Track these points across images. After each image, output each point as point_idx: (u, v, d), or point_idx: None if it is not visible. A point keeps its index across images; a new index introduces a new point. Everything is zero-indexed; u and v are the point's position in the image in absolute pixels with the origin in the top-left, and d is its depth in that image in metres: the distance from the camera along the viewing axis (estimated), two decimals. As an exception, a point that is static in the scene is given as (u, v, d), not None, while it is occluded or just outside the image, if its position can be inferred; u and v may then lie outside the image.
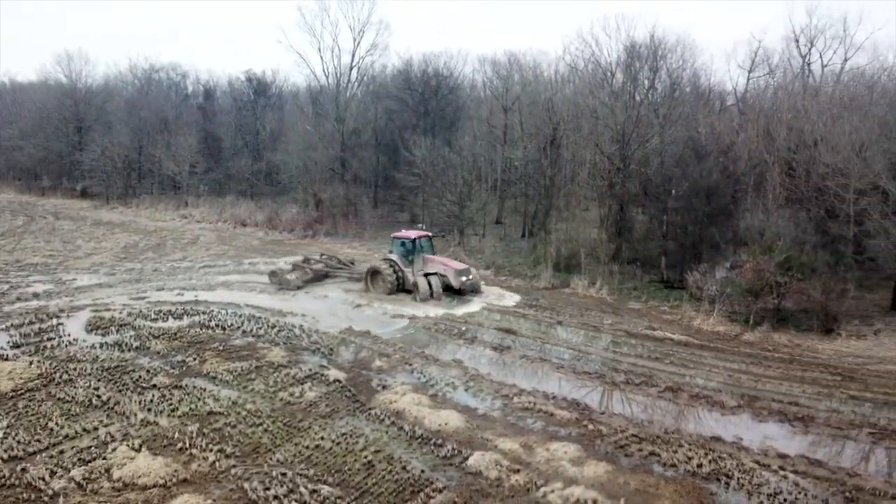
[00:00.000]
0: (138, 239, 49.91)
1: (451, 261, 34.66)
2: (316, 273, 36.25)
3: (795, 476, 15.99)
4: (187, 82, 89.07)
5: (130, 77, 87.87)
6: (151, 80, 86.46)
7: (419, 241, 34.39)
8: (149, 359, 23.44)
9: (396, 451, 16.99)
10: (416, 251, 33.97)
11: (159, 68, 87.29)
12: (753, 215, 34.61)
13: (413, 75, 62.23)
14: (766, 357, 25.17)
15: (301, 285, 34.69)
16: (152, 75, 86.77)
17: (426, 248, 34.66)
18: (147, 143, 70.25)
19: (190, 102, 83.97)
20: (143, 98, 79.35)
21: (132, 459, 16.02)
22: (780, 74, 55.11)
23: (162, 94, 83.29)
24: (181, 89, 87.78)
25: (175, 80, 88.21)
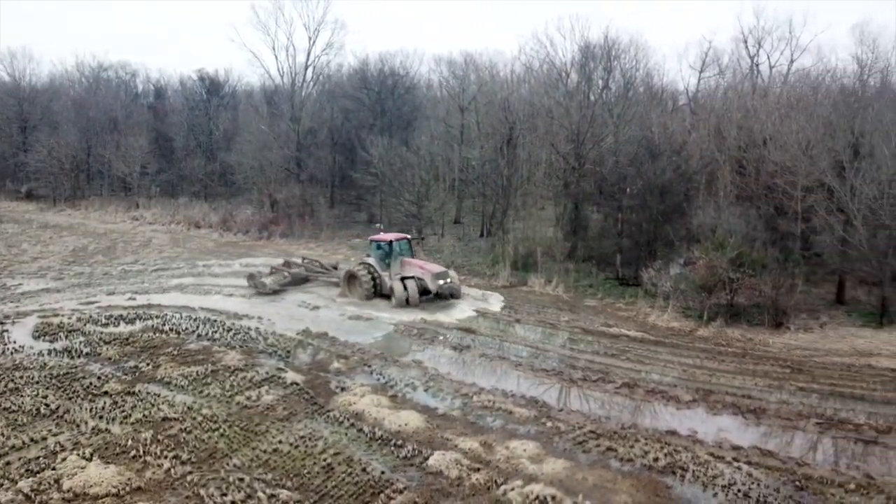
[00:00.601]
0: (88, 242, 48.60)
1: (429, 263, 33.50)
2: (294, 277, 35.35)
3: (748, 467, 16.37)
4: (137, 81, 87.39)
5: (77, 76, 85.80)
6: (100, 79, 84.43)
7: (397, 244, 33.10)
8: (100, 365, 22.84)
9: (356, 452, 16.87)
10: (392, 254, 32.72)
11: (108, 67, 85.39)
12: (706, 213, 35.34)
13: (369, 74, 62.00)
14: (720, 352, 25.72)
15: (278, 289, 33.70)
16: (100, 74, 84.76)
17: (404, 251, 33.39)
18: (96, 144, 68.46)
19: (140, 102, 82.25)
20: (92, 97, 77.37)
21: (83, 469, 15.59)
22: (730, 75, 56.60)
23: (111, 93, 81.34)
24: (131, 88, 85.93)
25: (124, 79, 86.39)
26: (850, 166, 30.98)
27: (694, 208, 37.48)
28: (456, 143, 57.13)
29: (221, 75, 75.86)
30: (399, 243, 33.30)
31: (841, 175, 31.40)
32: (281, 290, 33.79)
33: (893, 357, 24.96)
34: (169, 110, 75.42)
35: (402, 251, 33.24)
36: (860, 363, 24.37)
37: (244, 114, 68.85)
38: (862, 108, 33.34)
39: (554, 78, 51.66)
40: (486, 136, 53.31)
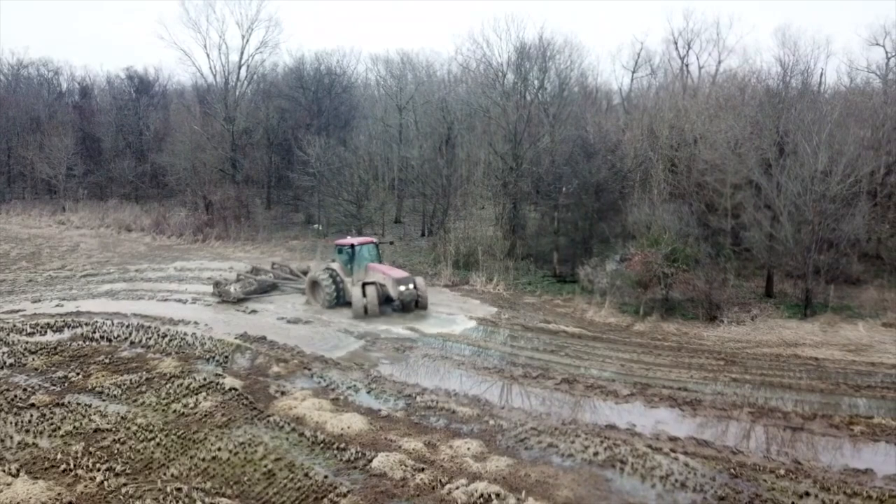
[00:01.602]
0: (10, 247, 46.49)
1: (393, 268, 31.42)
2: (261, 284, 33.79)
3: (685, 457, 16.82)
4: (61, 79, 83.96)
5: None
6: (20, 77, 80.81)
7: (361, 249, 30.97)
8: (25, 376, 21.86)
9: (298, 457, 16.62)
10: (356, 259, 30.55)
11: (28, 63, 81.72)
12: (640, 210, 36.16)
13: (305, 73, 61.15)
14: (656, 346, 26.37)
15: (242, 297, 32.19)
16: (20, 71, 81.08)
17: (370, 256, 31.28)
18: (17, 145, 65.61)
19: (65, 101, 79.10)
20: (11, 96, 74.04)
21: (9, 485, 14.87)
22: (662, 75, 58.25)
23: (32, 91, 78.05)
24: (54, 87, 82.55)
25: (47, 77, 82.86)
26: (776, 164, 32.20)
27: (629, 206, 38.31)
28: (395, 143, 56.97)
29: (151, 74, 74.06)
30: (365, 247, 31.34)
31: (767, 172, 32.60)
32: (246, 298, 32.38)
33: (816, 346, 26.08)
34: (96, 110, 72.85)
35: (368, 256, 31.11)
36: (787, 353, 25.36)
37: (176, 114, 67.05)
38: (785, 108, 34.66)
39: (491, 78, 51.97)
40: (424, 135, 53.34)
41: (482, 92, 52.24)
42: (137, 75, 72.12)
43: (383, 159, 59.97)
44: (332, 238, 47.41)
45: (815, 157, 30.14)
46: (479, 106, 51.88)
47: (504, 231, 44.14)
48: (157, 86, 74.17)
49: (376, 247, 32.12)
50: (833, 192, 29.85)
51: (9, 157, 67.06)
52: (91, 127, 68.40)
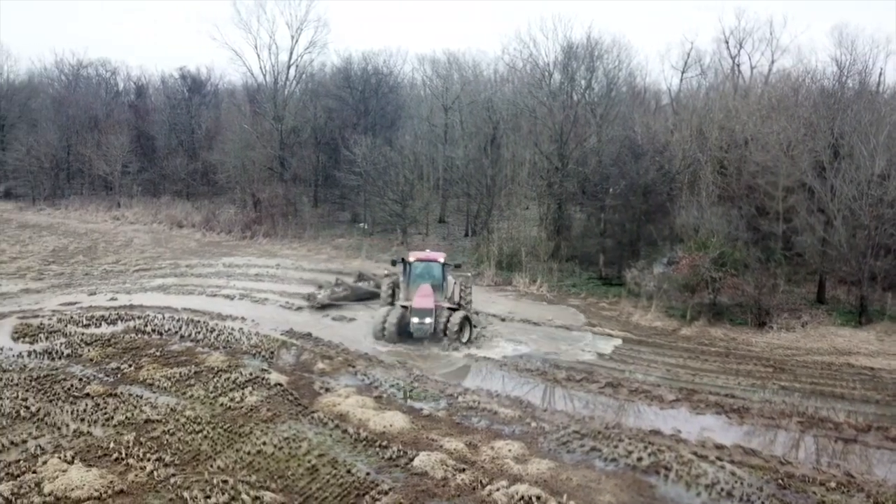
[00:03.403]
0: (68, 242, 48.06)
1: (428, 295, 26.37)
2: (354, 291, 31.92)
3: (732, 466, 16.51)
4: (118, 79, 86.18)
5: (56, 73, 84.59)
6: (79, 77, 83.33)
7: (416, 266, 27.69)
8: (81, 367, 22.58)
9: (341, 454, 16.81)
10: (410, 276, 27.65)
11: (87, 64, 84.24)
12: (688, 213, 35.60)
13: (353, 73, 61.71)
14: (703, 351, 25.91)
15: (326, 303, 30.77)
16: (80, 71, 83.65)
17: (426, 274, 27.49)
18: (76, 142, 67.73)
19: (121, 100, 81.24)
20: (71, 95, 76.42)
21: (64, 472, 15.38)
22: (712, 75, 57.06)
23: (91, 91, 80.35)
24: (111, 86, 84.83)
25: (105, 77, 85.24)
26: (830, 167, 31.34)
27: (677, 208, 37.75)
28: (440, 143, 57.10)
29: (203, 73, 75.41)
30: (422, 265, 27.69)
31: (821, 175, 31.75)
32: (332, 304, 30.89)
33: (871, 356, 25.31)
34: (150, 108, 74.73)
35: (426, 275, 27.48)
36: (840, 362, 24.67)
37: (227, 112, 68.38)
38: (841, 109, 33.72)
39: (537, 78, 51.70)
40: (469, 135, 53.35)
41: (528, 92, 52.01)
42: (190, 75, 73.72)
43: (428, 159, 60.14)
44: (377, 237, 47.88)
45: (872, 160, 29.25)
46: (525, 106, 51.66)
47: (548, 232, 43.88)
48: (209, 85, 75.70)
49: (442, 266, 27.66)
50: (891, 196, 28.92)
51: (68, 155, 69.25)
52: (145, 125, 70.24)
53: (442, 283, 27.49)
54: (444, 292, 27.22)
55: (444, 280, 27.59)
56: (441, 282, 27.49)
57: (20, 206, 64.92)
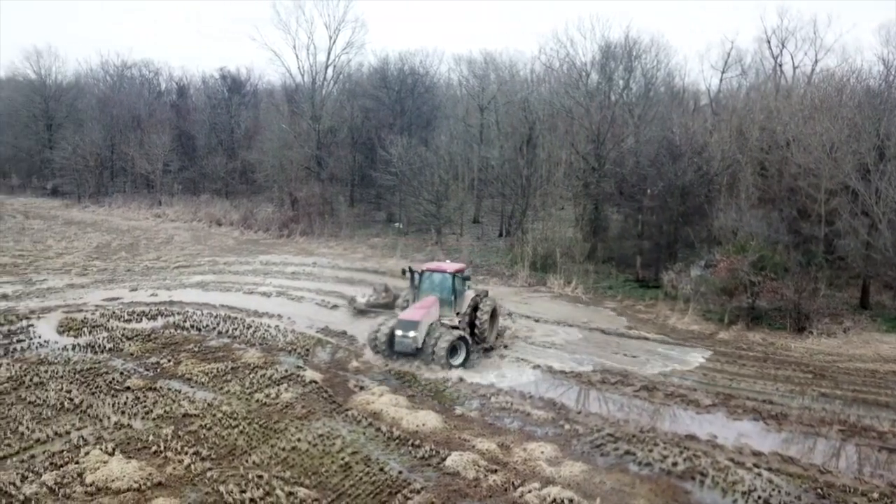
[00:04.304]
0: (111, 238, 49.21)
1: (423, 308, 24.02)
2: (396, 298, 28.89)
3: (769, 473, 16.20)
4: (160, 79, 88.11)
5: (102, 74, 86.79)
6: (123, 77, 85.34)
7: (423, 276, 25.63)
8: (122, 361, 23.12)
9: (374, 452, 16.93)
10: (420, 287, 25.65)
11: (131, 65, 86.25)
12: (727, 215, 35.03)
13: (389, 73, 62.10)
14: (741, 355, 25.48)
15: (364, 309, 29.38)
16: (124, 72, 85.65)
17: (434, 287, 25.28)
18: (119, 141, 69.40)
19: (163, 100, 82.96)
20: (115, 95, 78.33)
21: (105, 463, 15.77)
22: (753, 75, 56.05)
23: (134, 91, 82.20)
24: (154, 86, 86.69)
25: (148, 77, 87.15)
26: (875, 169, 30.56)
27: (715, 210, 37.20)
28: (475, 143, 57.13)
29: (243, 74, 76.67)
30: (433, 276, 25.55)
31: (866, 178, 30.98)
32: (369, 311, 29.01)
33: (918, 363, 24.59)
34: (191, 108, 76.20)
35: (435, 287, 25.32)
36: (885, 369, 24.03)
37: (265, 112, 69.38)
38: (888, 109, 32.84)
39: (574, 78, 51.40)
40: (505, 135, 53.24)
41: (565, 92, 51.75)
42: (230, 75, 74.98)
43: (463, 159, 60.21)
44: (412, 237, 48.06)
45: (919, 162, 28.44)
46: (562, 106, 51.38)
47: (584, 233, 43.60)
48: (248, 85, 76.90)
49: (453, 279, 25.08)
50: (940, 199, 28.09)
51: (112, 153, 70.95)
52: (186, 125, 71.63)
53: (451, 298, 24.87)
54: (453, 307, 24.77)
55: (454, 294, 24.95)
56: (450, 296, 24.89)
57: (66, 204, 66.70)
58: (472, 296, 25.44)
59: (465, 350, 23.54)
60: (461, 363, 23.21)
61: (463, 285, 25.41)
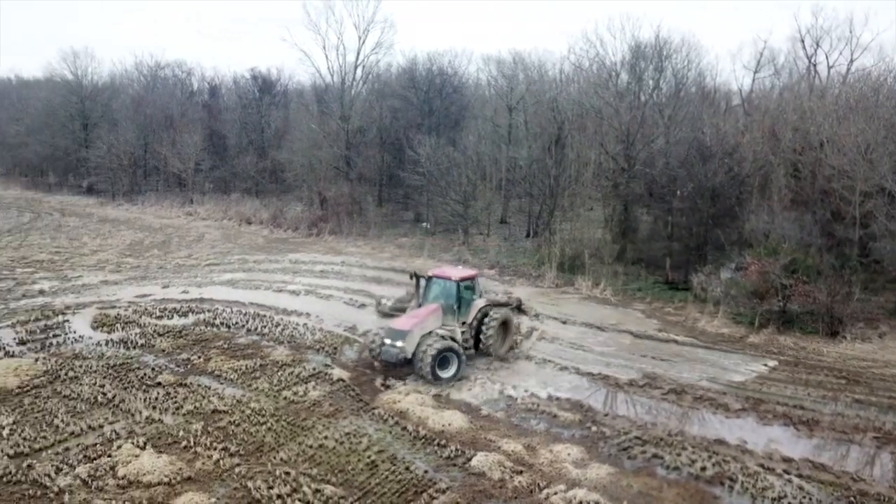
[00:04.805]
0: (144, 236, 50.04)
1: (417, 317, 22.81)
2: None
3: (800, 480, 15.97)
4: (192, 80, 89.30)
5: (136, 74, 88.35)
6: (157, 78, 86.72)
7: (430, 282, 24.24)
8: (154, 356, 23.51)
9: (400, 451, 17.01)
10: (426, 295, 24.26)
11: (164, 65, 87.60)
12: (758, 217, 34.55)
13: (418, 74, 62.24)
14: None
15: (389, 312, 28.28)
16: (158, 73, 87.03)
17: (436, 293, 23.92)
18: (152, 141, 70.53)
19: (195, 100, 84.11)
20: (149, 95, 79.63)
21: (137, 457, 16.07)
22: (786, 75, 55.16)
23: (167, 91, 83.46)
24: (186, 87, 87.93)
25: (180, 78, 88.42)
26: (913, 171, 29.91)
27: (746, 212, 36.71)
28: (503, 143, 57.01)
29: (274, 74, 77.31)
30: (433, 283, 24.19)
31: (903, 180, 30.34)
32: (394, 314, 27.36)
33: (956, 370, 24.01)
34: (223, 108, 77.14)
35: (437, 294, 23.94)
36: (921, 376, 23.50)
37: (295, 112, 69.99)
38: (926, 110, 32.15)
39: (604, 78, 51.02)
40: (534, 135, 53.05)
41: (594, 92, 51.40)
42: (261, 75, 75.69)
43: (491, 159, 60.09)
44: (439, 237, 48.13)
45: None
46: (591, 106, 51.05)
47: (613, 234, 43.29)
48: (278, 85, 77.56)
49: (457, 286, 23.55)
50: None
51: (145, 152, 72.12)
52: (218, 124, 72.54)
53: (455, 306, 23.38)
54: (457, 317, 23.38)
55: (458, 302, 23.45)
56: (453, 304, 23.38)
57: (101, 202, 67.95)
58: (482, 305, 23.88)
59: (457, 362, 21.90)
60: (452, 376, 21.68)
61: (472, 293, 24.02)
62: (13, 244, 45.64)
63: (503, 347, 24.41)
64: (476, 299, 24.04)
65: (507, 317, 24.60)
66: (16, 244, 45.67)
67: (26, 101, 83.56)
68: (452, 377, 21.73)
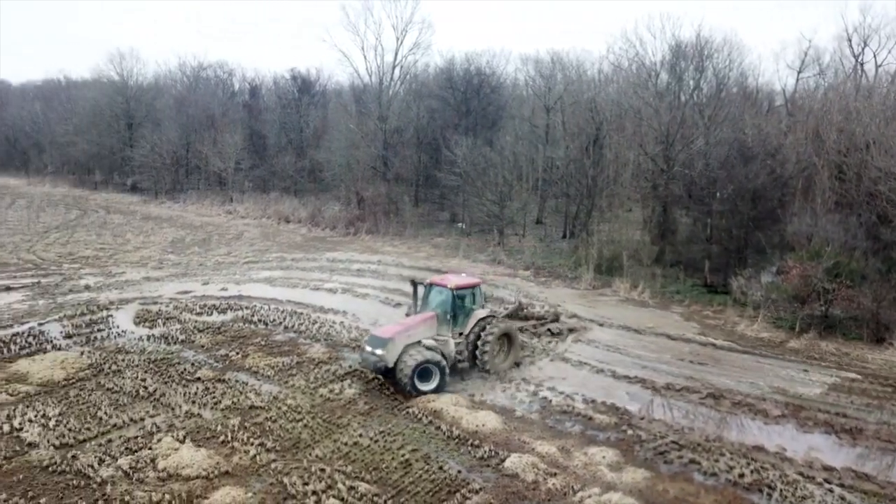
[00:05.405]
0: (185, 234, 51.00)
1: (404, 325, 21.94)
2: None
3: (842, 490, 15.60)
4: (234, 80, 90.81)
5: (179, 75, 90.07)
6: (199, 78, 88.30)
7: (430, 289, 22.95)
8: (193, 352, 23.96)
9: (433, 450, 17.07)
10: (426, 302, 22.98)
11: (207, 66, 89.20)
12: (801, 220, 33.80)
13: (455, 74, 62.31)
14: (813, 365, 24.57)
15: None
16: (200, 73, 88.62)
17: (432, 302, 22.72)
18: (194, 140, 71.85)
19: (236, 100, 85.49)
20: (191, 95, 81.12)
21: (176, 450, 16.40)
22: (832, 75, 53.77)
23: (209, 91, 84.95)
24: (228, 87, 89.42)
25: (222, 78, 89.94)
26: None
27: (788, 215, 35.94)
28: (541, 143, 56.75)
29: (313, 74, 78.18)
30: (429, 290, 22.96)
31: (954, 183, 29.40)
32: None
33: None
34: (262, 108, 78.21)
35: (435, 303, 22.65)
36: (970, 385, 22.76)
37: (333, 112, 70.64)
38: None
39: (643, 78, 50.48)
40: (571, 135, 52.70)
41: (633, 92, 50.88)
42: (300, 76, 76.60)
43: (528, 159, 59.86)
44: (474, 237, 48.10)
45: None
46: (630, 106, 50.54)
47: (652, 236, 42.78)
48: (317, 86, 78.38)
49: (453, 295, 22.13)
50: None
51: (187, 152, 73.51)
52: (258, 124, 73.62)
53: (450, 316, 22.05)
54: (453, 327, 22.13)
55: (454, 312, 22.08)
56: (448, 313, 22.04)
57: (144, 200, 69.48)
58: (482, 316, 22.49)
59: (440, 375, 20.78)
60: (434, 389, 20.58)
61: (472, 303, 22.69)
62: (61, 240, 46.97)
63: (505, 363, 22.89)
64: (476, 309, 22.69)
65: (509, 330, 23.12)
66: (63, 240, 47.00)
67: (75, 102, 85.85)
68: (434, 390, 20.57)
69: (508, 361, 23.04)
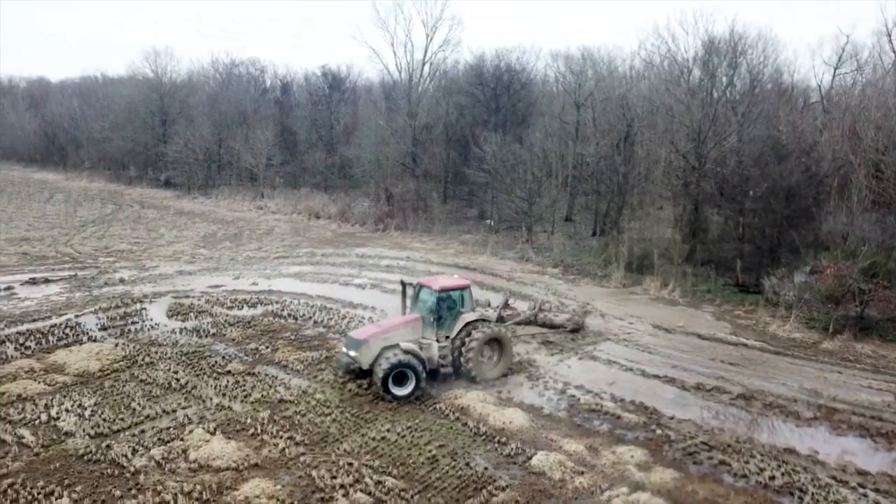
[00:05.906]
0: (217, 229, 51.67)
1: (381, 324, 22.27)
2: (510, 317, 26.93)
3: (876, 495, 15.31)
4: (265, 77, 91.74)
5: (212, 72, 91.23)
6: (232, 75, 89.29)
7: (420, 290, 21.95)
8: (224, 345, 24.30)
9: (460, 446, 17.10)
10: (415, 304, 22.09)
11: (239, 63, 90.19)
12: (836, 219, 33.18)
13: (485, 70, 62.16)
14: (847, 367, 24.11)
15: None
16: (232, 70, 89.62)
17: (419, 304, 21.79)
18: (226, 136, 72.71)
19: (267, 96, 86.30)
20: (224, 92, 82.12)
21: (207, 442, 16.68)
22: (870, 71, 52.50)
23: (241, 88, 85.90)
24: (259, 84, 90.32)
25: (254, 75, 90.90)
26: None
27: (823, 213, 35.29)
28: (570, 140, 56.39)
29: (343, 71, 78.66)
30: (417, 291, 22.05)
31: None
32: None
33: None
34: (294, 104, 78.88)
35: (424, 305, 21.66)
36: None
37: (363, 109, 71.00)
38: None
39: (675, 74, 49.86)
40: (602, 132, 52.32)
41: (665, 88, 50.32)
42: (331, 73, 77.07)
43: (557, 156, 59.51)
44: (502, 234, 48.00)
45: None
46: (662, 103, 49.98)
47: (683, 234, 42.29)
48: (347, 82, 78.83)
49: (437, 297, 21.17)
50: None
51: (219, 148, 74.46)
52: (289, 120, 74.30)
53: (434, 319, 21.17)
54: (437, 330, 21.24)
55: (439, 314, 21.21)
56: (433, 316, 21.17)
57: (177, 195, 70.50)
58: (470, 320, 21.44)
59: (415, 380, 19.91)
60: (408, 395, 19.79)
61: (460, 305, 21.69)
62: (97, 234, 47.93)
63: (495, 370, 21.76)
64: (465, 313, 21.66)
65: (499, 335, 21.95)
66: (99, 234, 47.95)
67: (111, 99, 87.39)
68: (408, 396, 19.79)
69: (498, 369, 21.88)
